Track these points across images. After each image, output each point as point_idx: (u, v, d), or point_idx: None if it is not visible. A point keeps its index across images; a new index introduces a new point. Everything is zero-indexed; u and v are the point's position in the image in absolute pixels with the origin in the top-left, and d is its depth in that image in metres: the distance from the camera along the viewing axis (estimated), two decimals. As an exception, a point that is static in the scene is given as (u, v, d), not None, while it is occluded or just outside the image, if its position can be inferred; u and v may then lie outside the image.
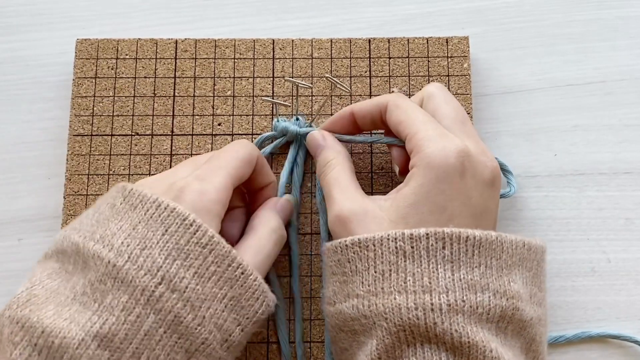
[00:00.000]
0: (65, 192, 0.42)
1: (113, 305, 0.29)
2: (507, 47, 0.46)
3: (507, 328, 0.30)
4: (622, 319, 0.41)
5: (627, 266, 0.42)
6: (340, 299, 0.32)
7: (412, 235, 0.30)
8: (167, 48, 0.44)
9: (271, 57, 0.44)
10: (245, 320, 0.32)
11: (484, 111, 0.45)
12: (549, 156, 0.44)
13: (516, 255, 0.32)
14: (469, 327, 0.29)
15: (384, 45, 0.44)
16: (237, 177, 0.35)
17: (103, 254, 0.30)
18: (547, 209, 0.43)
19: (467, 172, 0.32)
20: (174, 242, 0.30)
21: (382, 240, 0.31)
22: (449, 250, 0.30)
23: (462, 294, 0.30)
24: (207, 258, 0.31)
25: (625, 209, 0.43)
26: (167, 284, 0.30)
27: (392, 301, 0.30)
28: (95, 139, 0.43)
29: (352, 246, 0.32)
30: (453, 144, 0.32)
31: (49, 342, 0.28)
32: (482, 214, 0.33)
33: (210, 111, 0.43)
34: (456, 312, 0.29)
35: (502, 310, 0.30)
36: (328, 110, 0.43)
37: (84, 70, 0.44)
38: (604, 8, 0.47)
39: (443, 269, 0.30)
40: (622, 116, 0.45)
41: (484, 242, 0.31)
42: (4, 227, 0.43)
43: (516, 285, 0.31)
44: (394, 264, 0.30)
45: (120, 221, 0.31)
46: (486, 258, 0.31)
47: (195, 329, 0.30)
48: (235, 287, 0.31)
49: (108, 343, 0.28)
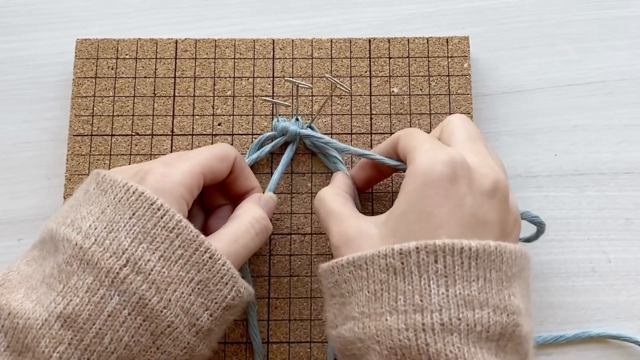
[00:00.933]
0: (65, 192, 0.42)
1: (77, 286, 0.29)
2: (507, 47, 0.46)
3: (507, 346, 0.28)
4: (622, 319, 0.41)
5: (627, 266, 0.42)
6: (340, 322, 0.31)
7: (402, 251, 0.29)
8: (167, 48, 0.44)
9: (271, 57, 0.44)
10: (213, 305, 0.32)
11: (484, 111, 0.45)
12: (549, 156, 0.44)
13: (516, 266, 0.30)
14: (466, 348, 0.27)
15: (384, 45, 0.44)
16: (207, 168, 0.35)
17: (71, 236, 0.30)
18: (547, 209, 0.43)
19: (461, 180, 0.30)
20: (140, 226, 0.31)
21: (373, 258, 0.29)
22: (441, 263, 0.28)
23: (457, 311, 0.27)
24: (173, 242, 0.31)
25: (625, 209, 0.43)
26: (132, 267, 0.30)
27: (384, 323, 0.28)
28: (95, 139, 0.43)
29: (347, 266, 0.31)
30: (444, 153, 0.30)
31: (15, 323, 0.29)
32: (477, 225, 0.30)
33: (210, 111, 0.43)
34: (451, 331, 0.27)
35: (503, 327, 0.28)
36: (328, 111, 0.43)
37: (84, 70, 0.44)
38: (604, 8, 0.47)
39: (436, 284, 0.28)
40: (622, 116, 0.45)
41: (482, 254, 0.28)
42: (3, 227, 0.43)
43: (516, 299, 0.29)
44: (385, 282, 0.29)
45: (91, 205, 0.32)
46: (485, 270, 0.28)
47: (160, 311, 0.30)
48: (203, 272, 0.31)
49: (71, 323, 0.29)
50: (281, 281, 0.41)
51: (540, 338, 0.40)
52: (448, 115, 0.37)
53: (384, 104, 0.43)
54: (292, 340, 0.40)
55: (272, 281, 0.41)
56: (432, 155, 0.30)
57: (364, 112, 0.43)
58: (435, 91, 0.43)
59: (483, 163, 0.31)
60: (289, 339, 0.40)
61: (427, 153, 0.31)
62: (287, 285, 0.41)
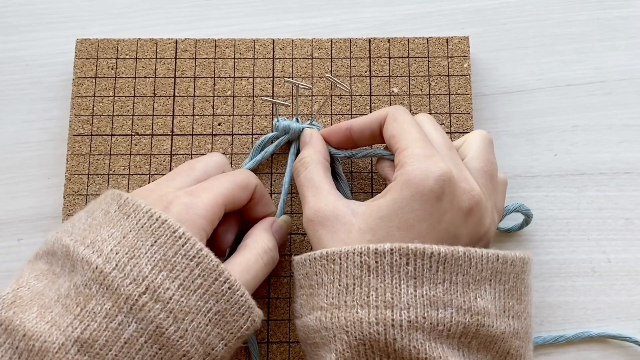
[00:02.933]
0: (65, 192, 0.42)
1: (96, 311, 0.29)
2: (507, 47, 0.46)
3: (471, 343, 0.30)
4: (622, 319, 0.41)
5: (627, 266, 0.42)
6: (305, 312, 0.33)
7: (377, 250, 0.30)
8: (167, 48, 0.44)
9: (271, 57, 0.44)
10: (229, 335, 0.32)
11: (484, 111, 0.45)
12: (549, 156, 0.44)
13: (487, 269, 0.31)
14: (427, 344, 0.29)
15: (384, 45, 0.44)
16: (229, 198, 0.35)
17: (92, 259, 0.30)
18: (547, 209, 0.43)
19: (445, 197, 0.32)
20: (161, 253, 0.30)
21: (347, 254, 0.31)
22: (412, 266, 0.30)
23: (423, 310, 0.30)
24: (193, 271, 0.31)
25: (625, 209, 0.43)
26: (151, 294, 0.30)
27: (354, 315, 0.30)
28: (95, 139, 0.43)
29: (320, 259, 0.32)
30: (437, 167, 0.32)
31: (30, 345, 0.28)
32: (449, 238, 0.32)
33: (210, 111, 0.43)
34: (416, 329, 0.29)
35: (465, 326, 0.30)
36: (328, 111, 0.43)
37: (84, 70, 0.44)
38: (604, 8, 0.47)
39: (406, 284, 0.30)
40: (622, 116, 0.45)
41: (449, 258, 0.30)
42: (3, 227, 0.43)
43: (483, 301, 0.31)
44: (358, 278, 0.31)
45: (112, 228, 0.31)
46: (451, 274, 0.30)
47: (177, 340, 0.30)
48: (221, 302, 0.31)
49: (88, 349, 0.28)
50: (281, 281, 0.41)
51: (540, 338, 0.40)
52: (419, 114, 0.38)
53: (384, 104, 0.43)
54: (292, 340, 0.40)
55: (272, 281, 0.41)
56: (425, 168, 0.32)
57: (364, 112, 0.43)
58: (435, 91, 0.43)
59: (462, 177, 0.33)
60: (289, 339, 0.40)
61: (419, 162, 0.32)
62: (287, 286, 0.41)
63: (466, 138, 0.37)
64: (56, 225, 0.42)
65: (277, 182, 0.42)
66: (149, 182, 0.42)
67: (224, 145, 0.43)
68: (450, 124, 0.43)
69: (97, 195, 0.42)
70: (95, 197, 0.41)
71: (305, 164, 0.37)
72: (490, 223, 0.34)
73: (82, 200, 0.42)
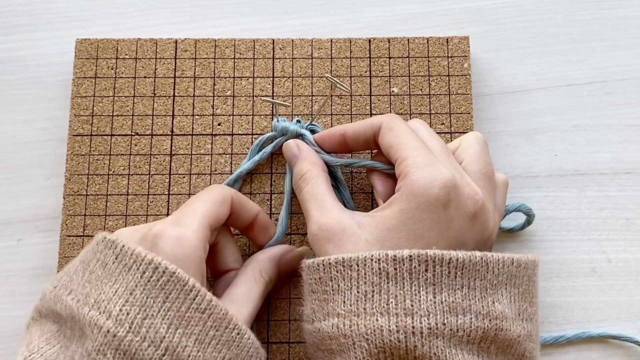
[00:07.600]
0: (65, 192, 0.42)
1: None
2: (507, 47, 0.46)
3: (490, 347, 0.31)
4: (622, 319, 0.41)
5: (627, 266, 0.42)
6: (319, 317, 0.32)
7: (396, 257, 0.30)
8: (167, 48, 0.44)
9: (271, 57, 0.44)
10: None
11: (484, 111, 0.45)
12: (549, 156, 0.44)
13: (503, 273, 0.31)
14: (448, 351, 0.29)
15: (384, 45, 0.44)
16: (213, 218, 0.34)
17: (100, 321, 0.29)
18: (547, 209, 0.43)
19: (452, 204, 0.32)
20: (175, 310, 0.30)
21: (365, 261, 0.31)
22: (431, 272, 0.30)
23: (442, 317, 0.29)
24: (206, 323, 0.30)
25: (625, 209, 0.43)
26: (171, 355, 0.29)
27: (374, 322, 0.30)
28: (95, 139, 0.43)
29: (336, 265, 0.31)
30: (440, 174, 0.32)
31: None
32: (457, 244, 0.32)
33: (210, 111, 0.43)
34: (436, 335, 0.29)
35: (485, 331, 0.30)
36: (328, 111, 0.43)
37: (84, 70, 0.44)
38: (604, 8, 0.47)
39: (425, 291, 0.30)
40: (623, 116, 0.45)
41: (467, 264, 0.30)
42: (3, 227, 0.43)
43: (500, 306, 0.31)
44: (377, 285, 0.30)
45: (115, 284, 0.30)
46: (469, 279, 0.30)
47: None
48: (232, 348, 0.31)
49: None
50: (281, 282, 0.41)
51: (540, 338, 0.40)
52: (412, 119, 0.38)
53: (384, 104, 0.43)
54: (292, 340, 0.40)
55: (272, 281, 0.41)
56: (429, 176, 0.32)
57: (364, 112, 0.43)
58: (435, 91, 0.43)
59: (465, 182, 0.33)
60: (289, 339, 0.40)
61: (422, 171, 0.32)
62: (287, 286, 0.41)
63: (461, 141, 0.37)
64: (56, 225, 0.42)
65: (277, 182, 0.42)
66: (148, 182, 0.42)
67: (224, 145, 0.43)
68: (451, 124, 0.43)
69: (98, 195, 0.42)
70: (96, 197, 0.41)
71: (307, 179, 0.37)
72: (493, 226, 0.34)
73: (81, 200, 0.41)
